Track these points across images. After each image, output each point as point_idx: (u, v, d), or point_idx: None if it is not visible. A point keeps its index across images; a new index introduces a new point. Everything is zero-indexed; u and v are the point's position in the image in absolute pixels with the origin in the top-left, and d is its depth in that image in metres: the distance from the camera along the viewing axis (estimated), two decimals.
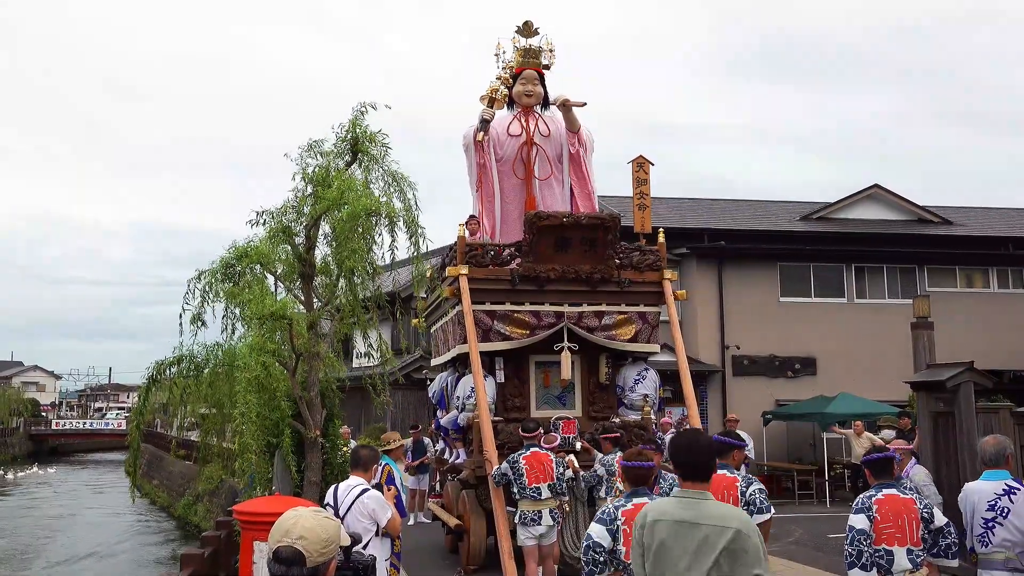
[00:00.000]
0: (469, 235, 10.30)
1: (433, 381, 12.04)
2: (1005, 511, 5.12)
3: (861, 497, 5.10)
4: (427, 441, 14.10)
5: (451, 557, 10.48)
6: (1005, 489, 5.17)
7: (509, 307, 9.85)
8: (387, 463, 6.83)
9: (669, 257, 11.70)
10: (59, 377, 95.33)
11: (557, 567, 8.24)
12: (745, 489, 5.40)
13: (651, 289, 10.31)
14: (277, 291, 9.10)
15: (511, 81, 11.04)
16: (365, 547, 5.33)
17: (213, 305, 8.60)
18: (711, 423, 18.88)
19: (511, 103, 11.12)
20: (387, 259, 8.63)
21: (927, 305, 12.06)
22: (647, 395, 10.23)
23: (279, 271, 8.89)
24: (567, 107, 10.81)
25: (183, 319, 8.57)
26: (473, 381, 9.33)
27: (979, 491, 5.28)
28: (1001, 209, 25.91)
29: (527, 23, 11.20)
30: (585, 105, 10.90)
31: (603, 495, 8.27)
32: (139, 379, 9.66)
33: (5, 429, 58.97)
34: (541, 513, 7.78)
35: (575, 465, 8.66)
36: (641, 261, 10.32)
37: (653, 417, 10.41)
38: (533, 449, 8.02)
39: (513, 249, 10.07)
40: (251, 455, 7.80)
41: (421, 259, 8.72)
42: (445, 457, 11.33)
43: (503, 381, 9.88)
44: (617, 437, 8.92)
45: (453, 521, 9.85)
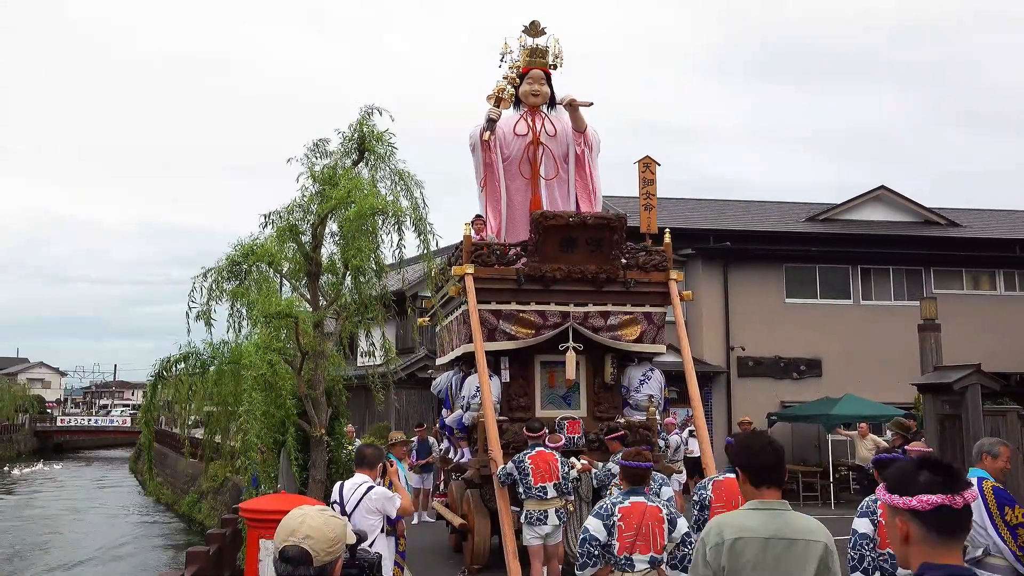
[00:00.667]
0: (475, 235, 10.30)
1: (438, 380, 12.04)
2: None
3: (866, 501, 5.07)
4: (432, 440, 14.10)
5: (455, 556, 10.48)
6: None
7: (515, 307, 9.85)
8: (392, 459, 6.86)
9: (675, 258, 11.69)
10: (64, 374, 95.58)
11: (561, 567, 8.24)
12: None
13: (657, 289, 10.30)
14: (283, 289, 9.10)
15: (517, 81, 11.03)
16: (371, 545, 5.34)
17: (218, 304, 8.61)
18: (716, 424, 18.86)
19: (518, 103, 11.12)
20: (396, 257, 8.63)
21: (934, 307, 12.06)
22: (652, 396, 10.22)
23: (285, 269, 8.90)
24: (573, 107, 10.80)
25: (189, 317, 8.57)
26: (478, 380, 9.33)
27: None
28: (1008, 211, 25.82)
29: (534, 23, 11.20)
30: (591, 105, 10.90)
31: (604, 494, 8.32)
32: (144, 376, 9.67)
33: (10, 426, 59.16)
34: (547, 512, 7.78)
35: (586, 464, 8.67)
36: (647, 261, 10.31)
37: (658, 418, 10.39)
38: (539, 449, 8.02)
39: (519, 249, 10.07)
40: (254, 453, 7.81)
41: (431, 257, 8.71)
42: (450, 456, 11.32)
43: (508, 381, 9.88)
44: (623, 437, 8.93)
45: (457, 520, 9.85)
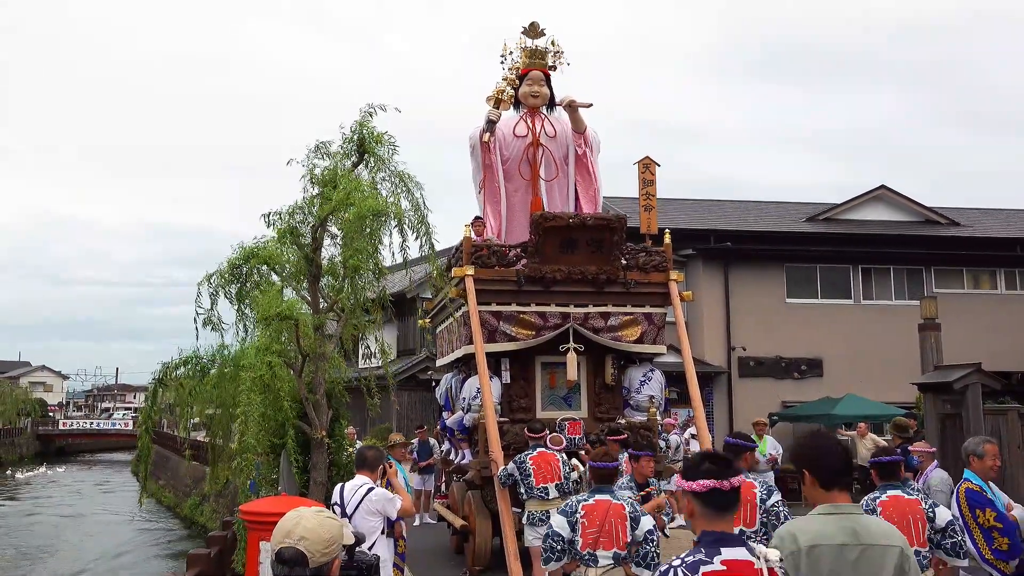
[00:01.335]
0: (475, 236, 10.30)
1: (439, 382, 12.04)
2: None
3: (865, 499, 5.08)
4: (433, 442, 14.11)
5: (456, 558, 10.48)
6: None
7: (515, 308, 9.84)
8: (391, 461, 6.86)
9: (675, 258, 11.69)
10: (66, 377, 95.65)
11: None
12: (766, 498, 5.33)
13: (657, 290, 10.29)
14: (284, 292, 9.10)
15: (517, 82, 11.04)
16: (371, 547, 5.34)
17: (218, 308, 8.62)
18: (717, 425, 18.85)
19: (517, 104, 11.12)
20: (396, 259, 8.63)
21: (934, 306, 12.06)
22: (653, 396, 10.21)
23: (286, 272, 8.90)
24: (573, 108, 10.80)
25: (197, 322, 8.60)
26: (479, 382, 9.33)
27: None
28: (1009, 210, 25.81)
29: (533, 24, 11.20)
30: (591, 106, 10.90)
31: None
32: (146, 379, 9.66)
33: (13, 429, 59.18)
34: (549, 513, 7.77)
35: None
36: (647, 262, 10.31)
37: (659, 419, 10.39)
38: (540, 449, 8.02)
39: (519, 250, 10.07)
40: (250, 455, 7.80)
41: (435, 258, 8.71)
42: (451, 458, 11.33)
43: (509, 382, 9.88)
44: (624, 438, 8.93)
45: (459, 522, 9.85)
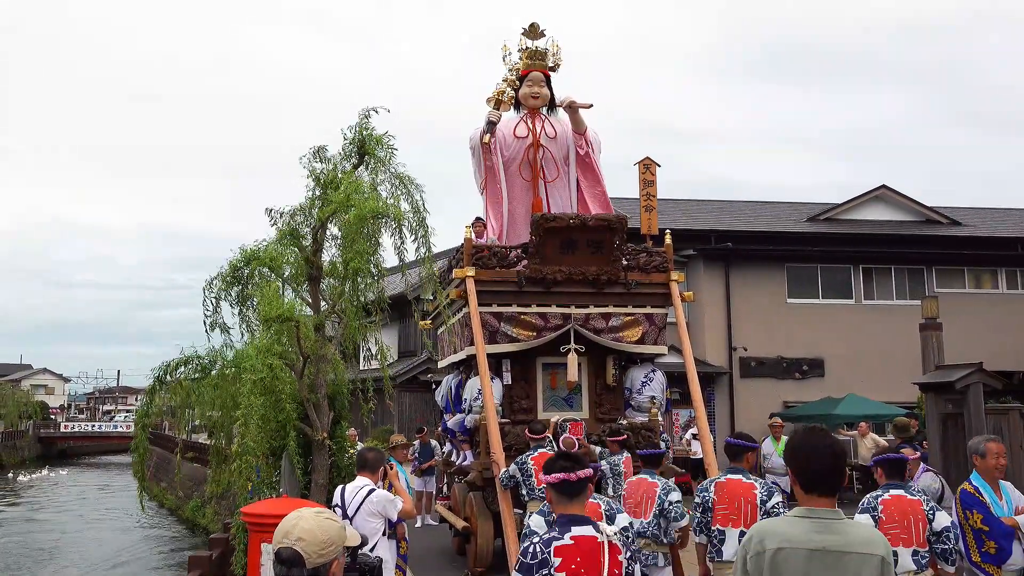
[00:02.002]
0: (475, 237, 10.31)
1: (440, 383, 12.04)
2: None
3: (868, 497, 5.08)
4: (434, 444, 14.11)
5: (458, 559, 10.48)
6: None
7: (516, 309, 9.85)
8: (392, 462, 6.87)
9: (676, 259, 11.69)
10: (68, 380, 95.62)
11: None
12: (767, 499, 5.32)
13: (658, 291, 10.30)
14: (285, 293, 9.11)
15: (517, 83, 11.05)
16: (373, 549, 5.34)
17: (222, 311, 8.66)
18: (719, 425, 18.85)
19: (517, 105, 11.13)
20: (396, 260, 8.63)
21: (935, 306, 12.03)
22: (654, 397, 10.21)
23: (287, 274, 8.91)
24: (573, 109, 10.81)
25: (207, 325, 8.64)
26: (480, 383, 9.33)
27: None
28: (1010, 209, 25.81)
29: (533, 25, 11.21)
30: (591, 107, 10.91)
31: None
32: (147, 382, 9.63)
33: (14, 432, 59.16)
34: None
35: None
36: (648, 263, 10.32)
37: (660, 419, 10.39)
38: (541, 450, 8.02)
39: (520, 251, 10.08)
40: (250, 457, 7.79)
41: (431, 260, 8.71)
42: (452, 459, 11.33)
43: (510, 383, 9.89)
44: (624, 439, 8.92)
45: (460, 523, 9.85)
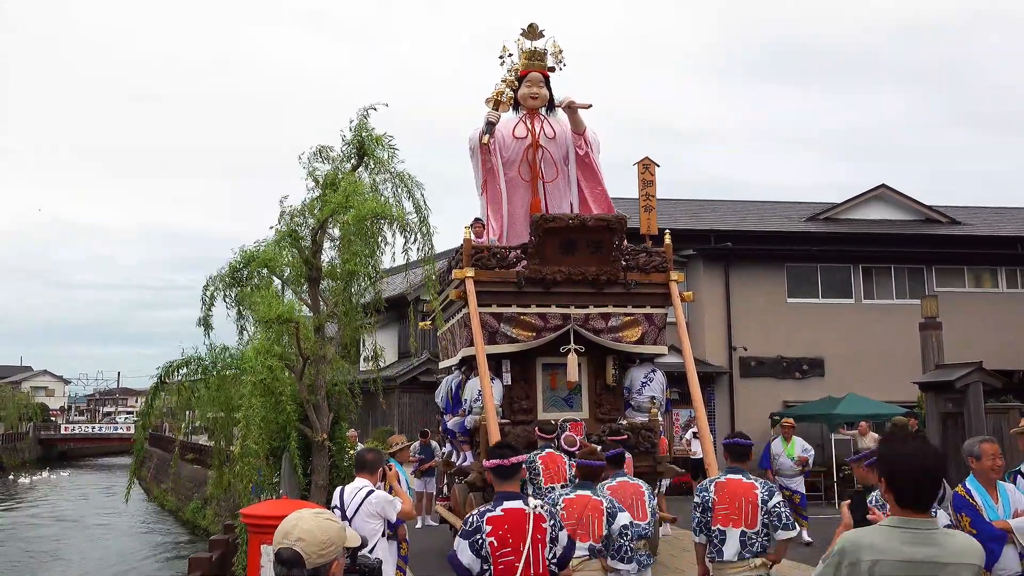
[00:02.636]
0: (474, 238, 10.31)
1: (440, 384, 12.04)
2: None
3: (874, 495, 5.10)
4: (434, 444, 14.12)
5: None
6: None
7: (515, 309, 9.85)
8: (392, 463, 6.87)
9: (676, 259, 11.69)
10: (68, 382, 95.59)
11: None
12: (768, 499, 5.31)
13: (658, 291, 10.29)
14: (284, 294, 9.11)
15: (516, 83, 11.05)
16: (372, 550, 5.34)
17: (228, 309, 8.67)
18: (719, 425, 18.85)
19: (516, 105, 11.13)
20: (396, 261, 8.63)
21: (935, 305, 12.06)
22: (654, 397, 10.21)
23: (286, 275, 8.91)
24: (572, 109, 10.81)
25: (204, 325, 8.64)
26: (480, 384, 9.33)
27: None
28: (1009, 209, 25.83)
29: (532, 25, 11.21)
30: (590, 107, 10.90)
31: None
32: (148, 383, 9.66)
33: (15, 434, 59.20)
34: None
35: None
36: (647, 263, 10.31)
37: (660, 419, 10.39)
38: (548, 450, 8.02)
39: (519, 251, 10.07)
40: (252, 459, 7.80)
41: (431, 261, 8.72)
42: (452, 460, 11.32)
43: (510, 383, 9.88)
44: (624, 439, 8.92)
45: (460, 524, 9.83)
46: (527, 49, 11.14)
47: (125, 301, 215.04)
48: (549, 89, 11.13)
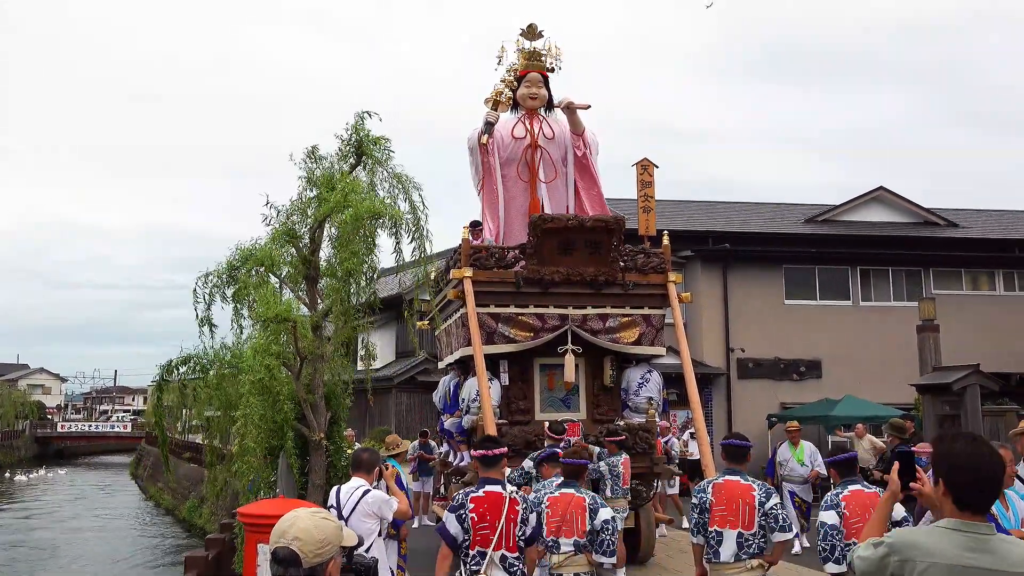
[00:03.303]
0: (472, 238, 10.30)
1: (439, 384, 12.03)
2: None
3: (829, 495, 5.15)
4: (432, 444, 14.11)
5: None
6: None
7: (513, 310, 9.85)
8: (392, 464, 6.86)
9: (674, 260, 11.69)
10: (65, 380, 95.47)
11: None
12: (765, 501, 5.33)
13: (655, 292, 10.29)
14: (282, 293, 9.10)
15: (515, 84, 11.05)
16: (368, 549, 5.34)
17: (223, 307, 8.64)
18: (716, 426, 18.86)
19: (515, 106, 11.13)
20: (393, 261, 8.62)
21: (933, 308, 12.07)
22: (651, 398, 10.22)
23: (284, 273, 8.90)
24: (571, 109, 10.81)
25: (198, 320, 8.60)
26: (477, 384, 9.33)
27: None
28: (1007, 211, 25.86)
29: (531, 26, 11.21)
30: (589, 107, 10.91)
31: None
32: (145, 382, 9.70)
33: (11, 432, 59.12)
34: None
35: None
36: (645, 264, 10.31)
37: (658, 420, 10.39)
38: (554, 450, 8.00)
39: (517, 252, 10.07)
40: (250, 458, 7.79)
41: (429, 260, 8.71)
42: (449, 460, 11.32)
43: (507, 384, 9.88)
44: (622, 440, 8.93)
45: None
46: (526, 49, 11.14)
47: (124, 301, 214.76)
48: (548, 89, 11.13)
